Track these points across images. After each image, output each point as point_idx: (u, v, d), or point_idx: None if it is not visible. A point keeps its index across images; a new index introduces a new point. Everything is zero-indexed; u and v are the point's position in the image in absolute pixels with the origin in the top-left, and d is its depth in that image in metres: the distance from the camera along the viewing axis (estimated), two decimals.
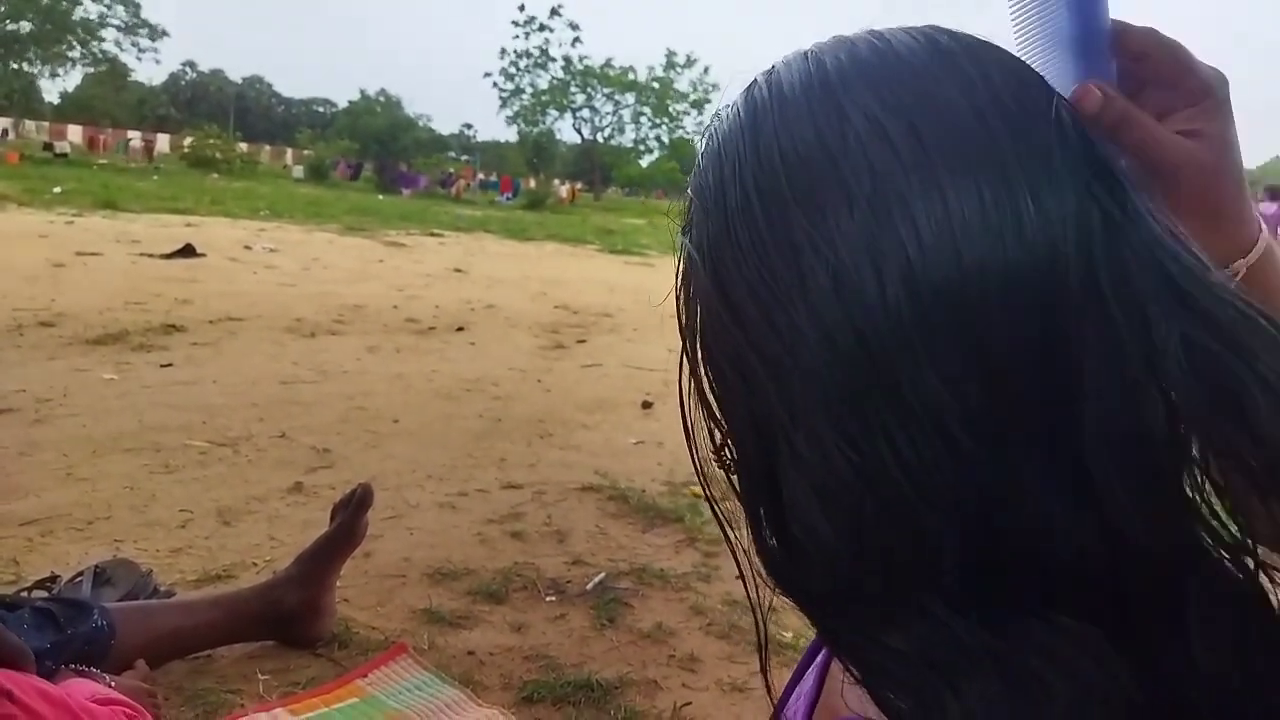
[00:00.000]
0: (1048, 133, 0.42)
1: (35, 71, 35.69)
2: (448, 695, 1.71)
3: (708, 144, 0.47)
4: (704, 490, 0.50)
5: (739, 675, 1.87)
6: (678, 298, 0.48)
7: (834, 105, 0.42)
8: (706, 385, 0.48)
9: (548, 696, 1.75)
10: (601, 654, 1.93)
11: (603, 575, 2.29)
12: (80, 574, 1.90)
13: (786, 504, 0.44)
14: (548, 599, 2.16)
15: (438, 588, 2.16)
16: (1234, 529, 0.42)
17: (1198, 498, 0.41)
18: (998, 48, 0.46)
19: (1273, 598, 0.42)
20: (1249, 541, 0.42)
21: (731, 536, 0.49)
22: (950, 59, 0.43)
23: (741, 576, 0.49)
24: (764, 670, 0.54)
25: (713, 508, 0.50)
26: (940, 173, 0.40)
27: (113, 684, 1.38)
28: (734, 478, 0.48)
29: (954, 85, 0.42)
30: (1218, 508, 0.42)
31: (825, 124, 0.42)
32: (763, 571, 0.47)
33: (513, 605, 2.12)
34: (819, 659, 0.57)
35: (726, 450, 0.48)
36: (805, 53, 0.46)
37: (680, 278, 0.48)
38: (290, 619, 1.80)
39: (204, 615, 1.75)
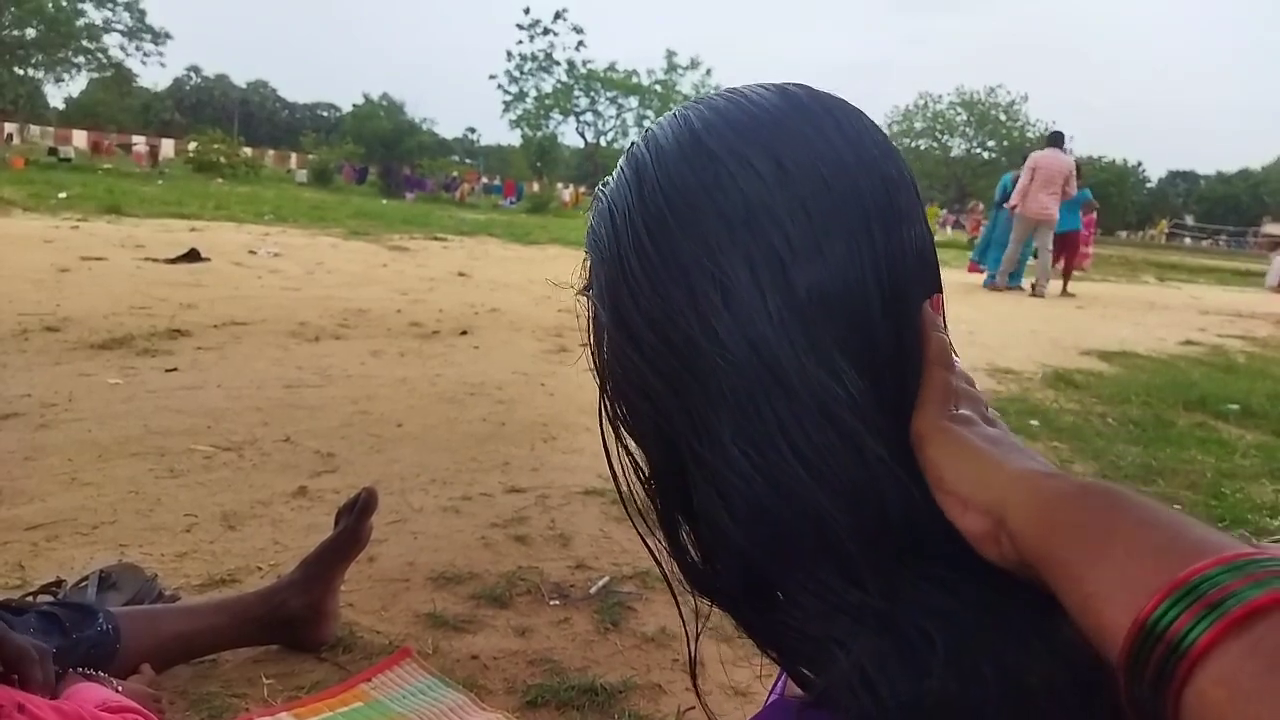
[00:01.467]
0: (887, 164, 0.49)
1: (40, 77, 35.82)
2: (451, 699, 1.71)
3: (596, 205, 0.54)
4: (634, 523, 0.56)
5: (743, 679, 1.87)
6: (590, 350, 0.55)
7: (704, 150, 0.48)
8: (620, 417, 0.53)
9: (551, 700, 1.75)
10: (605, 658, 1.93)
11: (606, 579, 2.29)
12: (85, 578, 1.91)
13: (697, 512, 0.49)
14: (551, 603, 2.16)
15: (441, 592, 2.16)
16: None
17: None
18: (836, 96, 0.53)
19: None
20: None
21: (661, 560, 0.55)
22: (798, 102, 0.50)
23: (673, 594, 0.54)
24: (695, 687, 0.59)
25: (644, 539, 0.55)
26: (802, 192, 0.46)
27: (119, 688, 1.39)
28: (653, 499, 0.54)
29: (803, 121, 0.49)
30: None
31: (700, 166, 0.48)
32: (685, 582, 0.53)
33: (516, 609, 2.12)
34: None
35: (642, 474, 0.54)
36: (674, 113, 0.53)
37: (590, 331, 0.55)
38: (295, 623, 1.81)
39: (209, 619, 1.76)
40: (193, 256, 7.63)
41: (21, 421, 3.10)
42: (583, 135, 45.65)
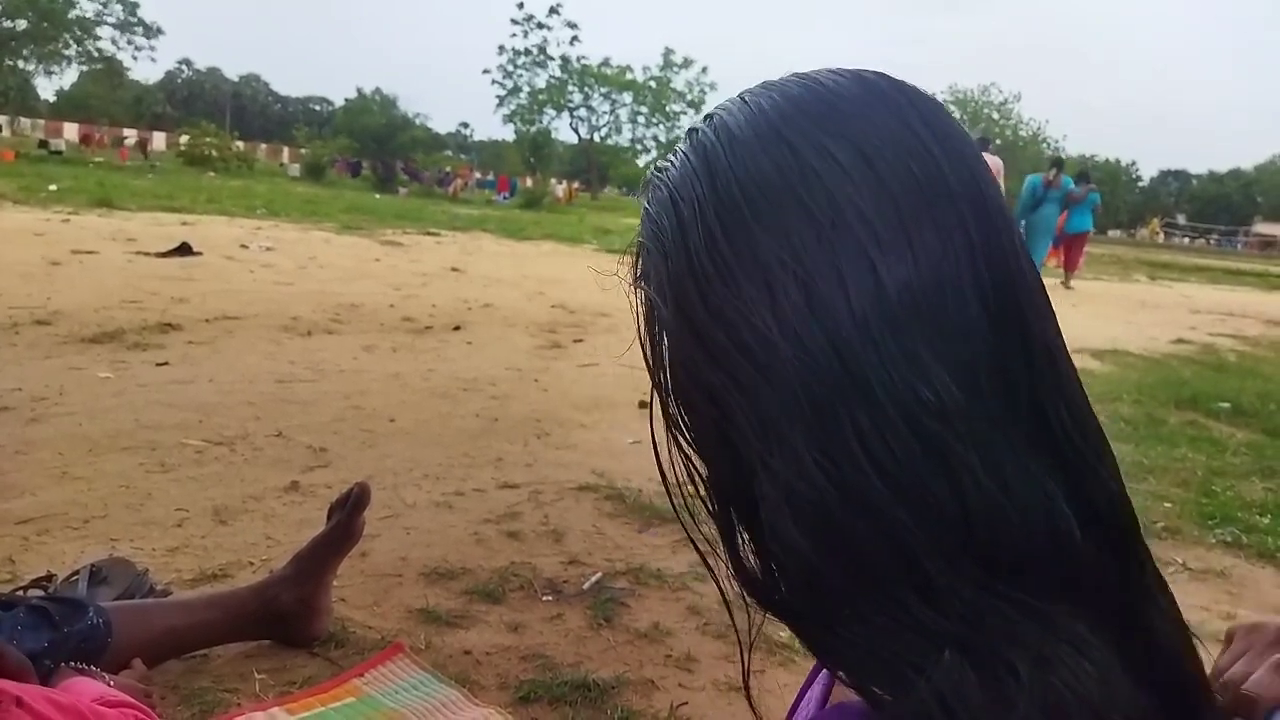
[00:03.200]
0: (973, 157, 0.46)
1: (31, 69, 35.59)
2: (444, 695, 1.71)
3: (655, 194, 0.50)
4: (686, 528, 0.52)
5: (735, 675, 1.87)
6: (642, 343, 0.51)
7: (782, 140, 0.45)
8: (678, 419, 0.50)
9: (544, 696, 1.75)
10: (598, 654, 1.93)
11: (599, 575, 2.29)
12: (76, 573, 1.90)
13: (763, 521, 0.46)
14: (544, 599, 2.16)
15: (434, 587, 2.16)
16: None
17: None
18: (914, 85, 0.49)
19: None
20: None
21: (714, 566, 0.51)
22: (878, 89, 0.47)
23: (726, 603, 0.51)
24: (750, 701, 0.57)
25: (694, 543, 0.52)
26: (890, 186, 0.43)
27: (111, 683, 1.38)
28: (711, 506, 0.51)
29: (887, 112, 0.46)
30: None
31: (779, 157, 0.45)
32: (744, 594, 0.50)
33: (509, 605, 2.12)
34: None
35: (700, 479, 0.51)
36: (741, 97, 0.50)
37: (642, 322, 0.51)
38: (287, 618, 1.80)
39: (200, 614, 1.75)
40: (184, 250, 7.60)
41: (12, 415, 3.09)
42: (576, 131, 45.63)
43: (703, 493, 0.51)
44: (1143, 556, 0.45)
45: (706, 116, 0.51)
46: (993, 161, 11.68)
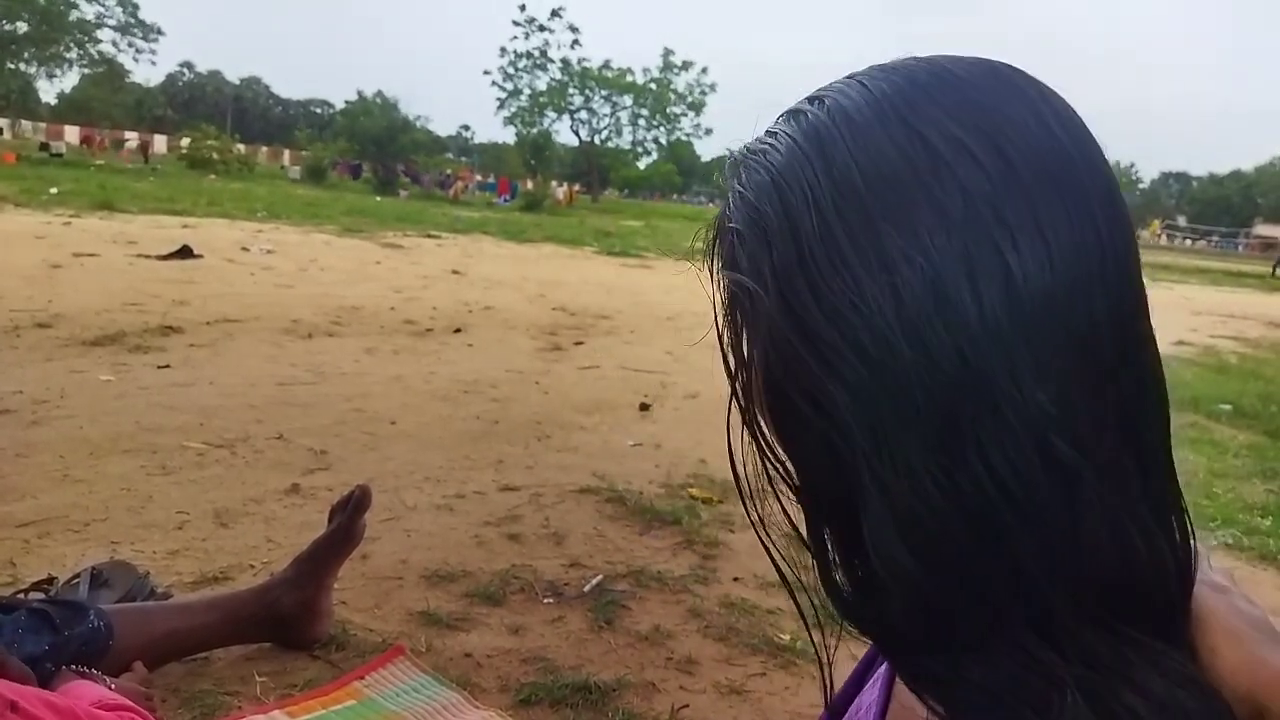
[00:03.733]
0: (1102, 157, 0.43)
1: (32, 72, 35.61)
2: (445, 697, 1.71)
3: (754, 177, 0.46)
4: (761, 537, 0.49)
5: (736, 677, 1.87)
6: (722, 337, 0.47)
7: (908, 127, 0.42)
8: (766, 421, 0.46)
9: (545, 698, 1.75)
10: (599, 656, 1.93)
11: (600, 577, 2.29)
12: (77, 576, 1.90)
13: (867, 537, 0.43)
14: (545, 601, 2.16)
15: (435, 590, 2.16)
16: None
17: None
18: (1042, 81, 0.46)
19: None
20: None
21: (790, 577, 0.47)
22: (1010, 81, 0.44)
23: (804, 619, 0.48)
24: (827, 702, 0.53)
25: (771, 556, 0.48)
26: (1027, 185, 0.40)
27: (112, 685, 1.38)
28: (801, 514, 0.47)
29: (1021, 105, 0.43)
30: None
31: (908, 147, 0.42)
32: (832, 609, 0.46)
33: (510, 607, 2.12)
34: (882, 670, 0.56)
35: (789, 489, 0.47)
36: (858, 79, 0.46)
37: (725, 314, 0.47)
38: (288, 621, 1.80)
39: (201, 617, 1.75)
40: (185, 253, 7.60)
41: (13, 418, 3.09)
42: (577, 133, 45.63)
43: (790, 504, 0.47)
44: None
45: (812, 99, 0.47)
46: None
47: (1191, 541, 0.43)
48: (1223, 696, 0.39)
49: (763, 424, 0.46)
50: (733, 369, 0.47)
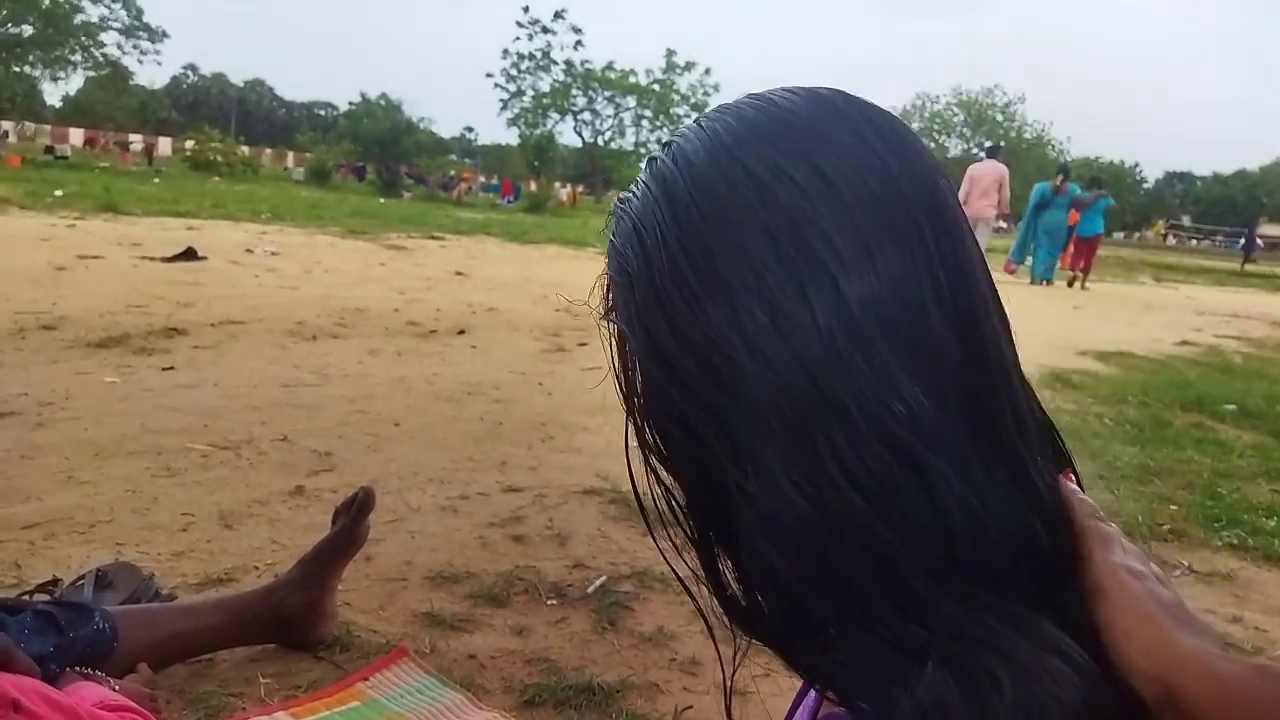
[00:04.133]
0: (930, 169, 0.47)
1: (37, 75, 35.71)
2: (449, 699, 1.71)
3: (620, 224, 0.50)
4: (663, 554, 0.53)
5: (740, 679, 1.87)
6: (616, 376, 0.51)
7: (735, 160, 0.46)
8: (654, 446, 0.50)
9: (549, 700, 1.75)
10: (602, 657, 1.93)
11: (604, 579, 2.29)
12: (82, 577, 1.91)
13: (741, 546, 0.46)
14: (549, 602, 2.16)
15: (439, 591, 2.16)
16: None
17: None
18: (869, 100, 0.50)
19: None
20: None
21: (695, 593, 0.52)
22: (831, 106, 0.48)
23: (710, 630, 0.52)
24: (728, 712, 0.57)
25: (675, 571, 0.53)
26: (848, 202, 0.44)
27: (116, 687, 1.38)
28: (689, 533, 0.51)
29: (841, 127, 0.46)
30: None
31: (735, 180, 0.45)
32: (728, 619, 0.50)
33: (514, 609, 2.12)
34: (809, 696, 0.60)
35: (678, 506, 0.50)
36: (697, 122, 0.50)
37: (615, 355, 0.51)
38: (292, 622, 1.81)
39: (206, 618, 1.75)
40: (189, 255, 7.62)
41: (18, 420, 3.10)
42: (580, 134, 45.68)
43: (680, 519, 0.51)
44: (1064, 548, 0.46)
45: (665, 144, 0.51)
46: (997, 168, 12.62)
47: (1060, 516, 0.45)
48: (1098, 666, 0.42)
49: (656, 449, 0.50)
50: (626, 401, 0.51)
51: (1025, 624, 0.42)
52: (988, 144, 16.75)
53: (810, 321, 0.42)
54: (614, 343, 0.51)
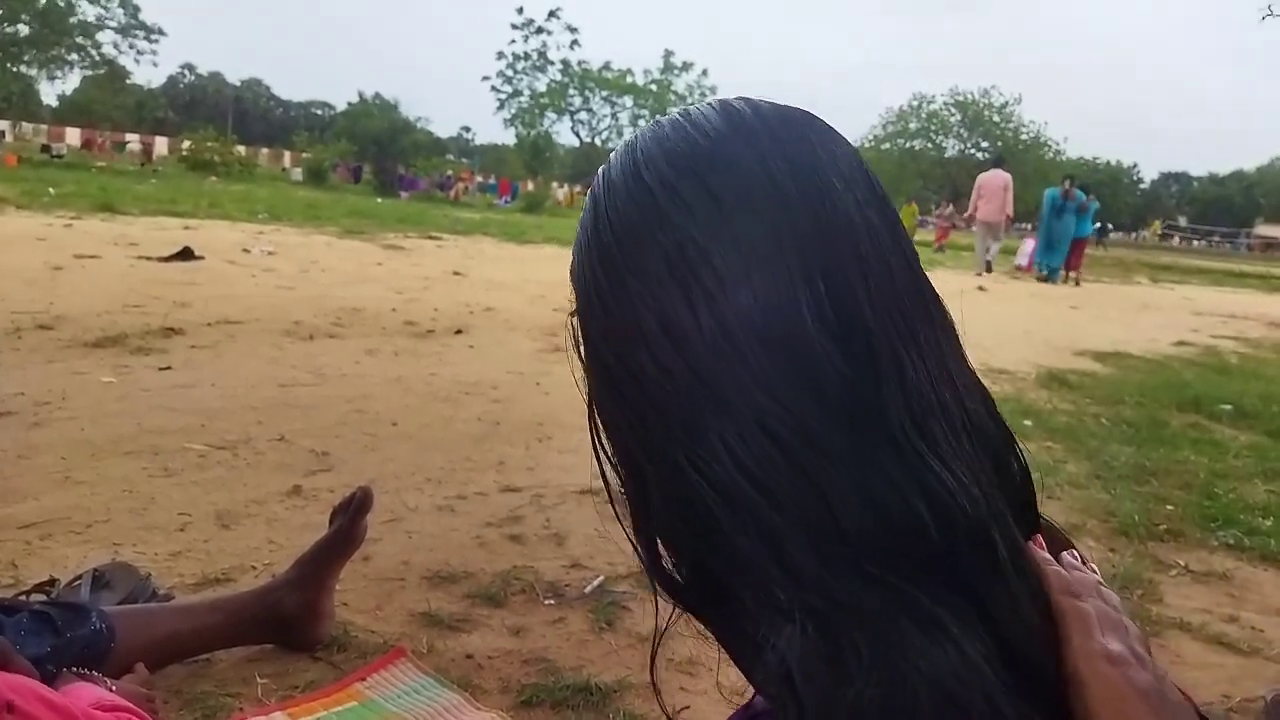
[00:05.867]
0: (833, 185, 0.50)
1: (33, 74, 35.60)
2: (446, 699, 1.71)
3: (576, 238, 0.56)
4: (626, 532, 0.59)
5: (738, 678, 1.87)
6: (577, 377, 0.58)
7: (642, 185, 0.51)
8: (597, 436, 0.57)
9: (546, 700, 1.75)
10: (600, 657, 1.93)
11: (601, 579, 2.29)
12: (79, 577, 1.90)
13: (654, 523, 0.53)
14: (546, 602, 2.16)
15: (436, 591, 2.16)
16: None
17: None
18: (791, 111, 0.54)
19: None
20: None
21: (644, 567, 0.58)
22: (739, 122, 0.52)
23: (656, 602, 0.58)
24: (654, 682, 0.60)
25: (635, 548, 0.59)
26: (732, 222, 0.48)
27: (113, 688, 1.38)
28: (629, 511, 0.57)
29: (745, 145, 0.50)
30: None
31: (640, 200, 0.50)
32: (661, 593, 0.57)
33: (511, 609, 2.12)
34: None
35: (620, 491, 0.57)
36: (628, 141, 0.55)
37: (577, 354, 0.58)
38: (289, 622, 1.80)
39: (203, 619, 1.75)
40: (186, 255, 7.61)
41: (14, 420, 3.09)
42: (577, 134, 45.66)
43: (619, 501, 0.57)
44: (995, 551, 0.47)
45: (606, 161, 0.56)
46: (1003, 176, 14.01)
47: (965, 504, 0.47)
48: (964, 615, 0.44)
49: (598, 439, 0.57)
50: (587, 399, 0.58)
51: (911, 601, 0.44)
52: (983, 144, 18.16)
53: (697, 333, 0.47)
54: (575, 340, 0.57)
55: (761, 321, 0.47)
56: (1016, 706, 0.43)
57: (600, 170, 0.55)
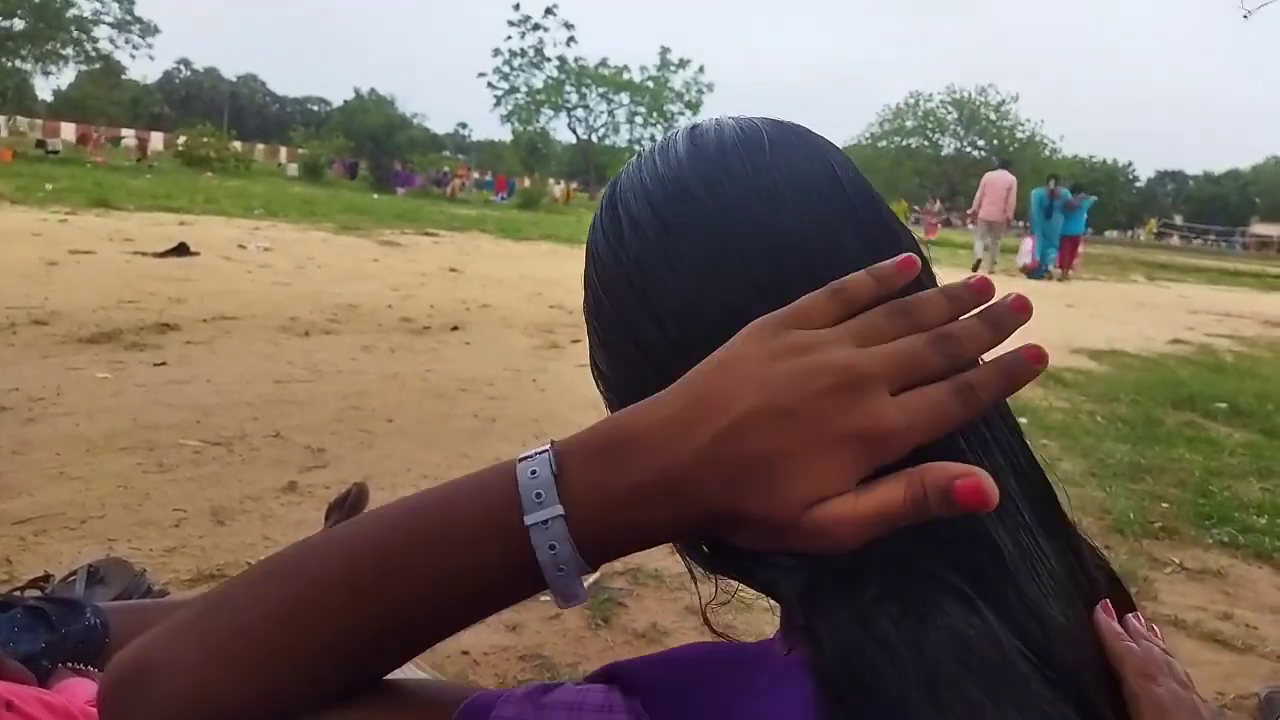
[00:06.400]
0: (793, 209, 0.50)
1: (28, 69, 35.51)
2: None
3: None
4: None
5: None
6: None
7: (616, 209, 0.55)
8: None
9: None
10: (596, 653, 1.94)
11: (597, 575, 2.29)
12: (73, 573, 1.90)
13: None
14: (542, 599, 2.16)
15: None
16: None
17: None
18: (764, 127, 0.55)
19: None
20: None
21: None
22: (701, 147, 0.54)
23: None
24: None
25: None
26: (679, 242, 0.50)
27: None
28: None
29: (698, 171, 0.52)
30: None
31: (614, 224, 0.54)
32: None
33: None
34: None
35: None
36: (618, 174, 0.59)
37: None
38: None
39: None
40: (182, 250, 7.59)
41: (9, 416, 3.09)
42: (574, 131, 45.58)
43: None
44: (998, 545, 0.45)
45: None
46: (1008, 178, 14.79)
47: None
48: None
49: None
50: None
51: (936, 576, 0.42)
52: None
53: (667, 348, 0.50)
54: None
55: (722, 327, 0.46)
56: (1035, 666, 0.42)
57: (599, 201, 0.59)
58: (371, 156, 32.57)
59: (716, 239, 0.50)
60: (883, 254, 0.47)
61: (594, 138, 45.85)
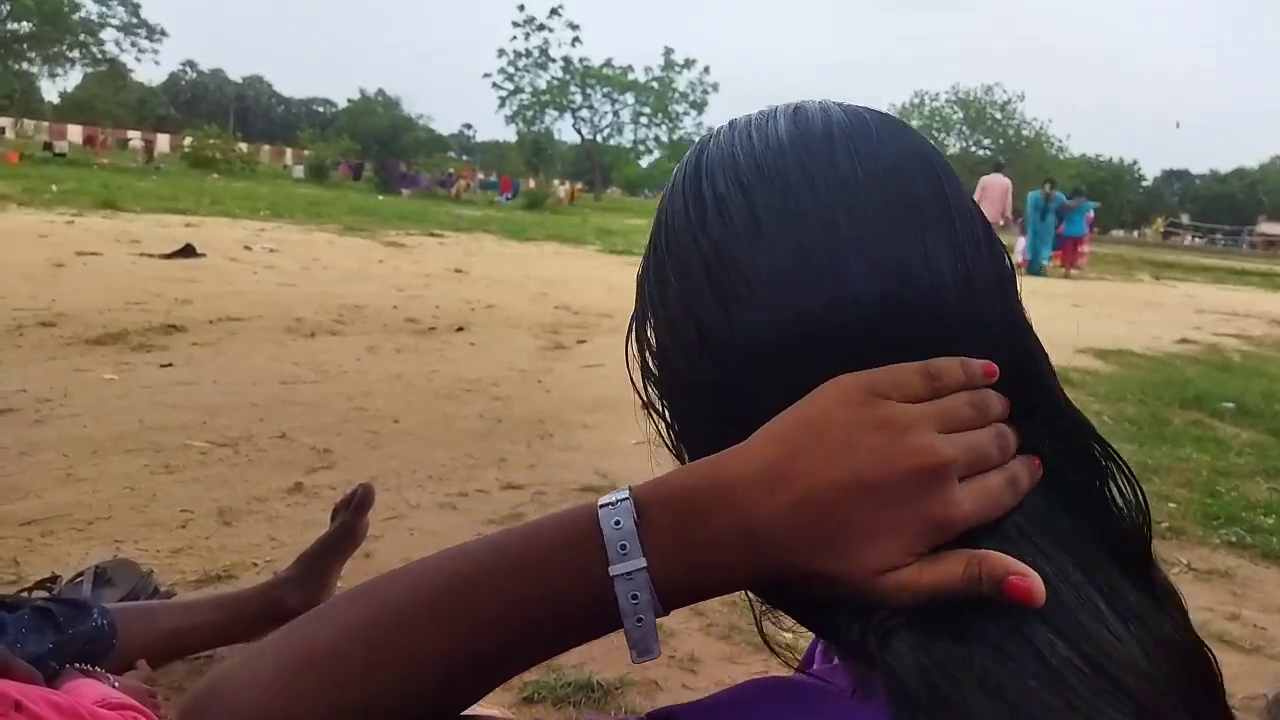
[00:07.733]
0: (878, 201, 0.48)
1: (35, 71, 35.67)
2: None
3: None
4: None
5: (739, 676, 1.87)
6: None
7: (697, 187, 0.51)
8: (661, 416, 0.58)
9: (548, 697, 1.75)
10: (602, 655, 1.93)
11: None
12: (81, 574, 1.91)
13: None
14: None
15: None
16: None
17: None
18: (863, 115, 0.52)
19: None
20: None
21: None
22: (804, 130, 0.50)
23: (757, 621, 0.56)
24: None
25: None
26: (767, 232, 0.47)
27: (116, 684, 1.38)
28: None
29: (796, 158, 0.49)
30: None
31: (690, 202, 0.51)
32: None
33: None
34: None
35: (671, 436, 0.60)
36: (701, 141, 0.55)
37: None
38: (291, 619, 1.80)
39: (205, 615, 1.75)
40: (188, 252, 7.61)
41: (16, 417, 3.10)
42: (579, 131, 45.60)
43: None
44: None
45: (686, 154, 0.56)
46: (1005, 181, 15.21)
47: None
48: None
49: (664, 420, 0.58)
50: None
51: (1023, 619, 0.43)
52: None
53: (731, 338, 0.47)
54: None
55: (795, 333, 0.46)
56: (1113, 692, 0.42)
57: (675, 168, 0.55)
58: (376, 158, 32.63)
59: (808, 246, 0.47)
60: (971, 275, 0.48)
61: (599, 138, 45.85)
